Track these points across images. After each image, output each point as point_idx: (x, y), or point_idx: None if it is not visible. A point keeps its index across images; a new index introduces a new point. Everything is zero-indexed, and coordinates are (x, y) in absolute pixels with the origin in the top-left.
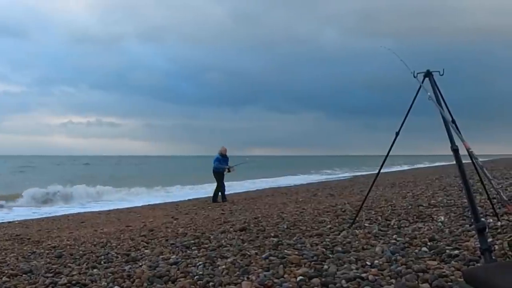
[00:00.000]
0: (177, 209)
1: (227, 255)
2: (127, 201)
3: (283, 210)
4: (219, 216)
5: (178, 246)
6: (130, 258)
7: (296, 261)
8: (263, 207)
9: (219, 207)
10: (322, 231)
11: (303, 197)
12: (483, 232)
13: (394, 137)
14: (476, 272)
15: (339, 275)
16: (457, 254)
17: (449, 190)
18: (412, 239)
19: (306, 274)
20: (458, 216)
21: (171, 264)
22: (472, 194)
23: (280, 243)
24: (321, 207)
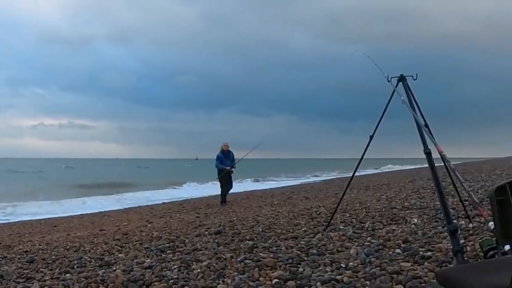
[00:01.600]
0: (151, 212)
1: (202, 258)
2: (101, 205)
3: (258, 213)
4: (194, 219)
5: (152, 250)
6: (104, 263)
7: (271, 264)
8: (238, 210)
9: (194, 210)
10: (297, 234)
11: (278, 200)
12: (455, 234)
13: (369, 140)
14: (448, 273)
15: (314, 277)
16: (430, 255)
17: (422, 193)
18: (386, 241)
19: (282, 277)
20: (431, 218)
21: (146, 268)
22: (445, 196)
23: (256, 246)
24: (296, 210)
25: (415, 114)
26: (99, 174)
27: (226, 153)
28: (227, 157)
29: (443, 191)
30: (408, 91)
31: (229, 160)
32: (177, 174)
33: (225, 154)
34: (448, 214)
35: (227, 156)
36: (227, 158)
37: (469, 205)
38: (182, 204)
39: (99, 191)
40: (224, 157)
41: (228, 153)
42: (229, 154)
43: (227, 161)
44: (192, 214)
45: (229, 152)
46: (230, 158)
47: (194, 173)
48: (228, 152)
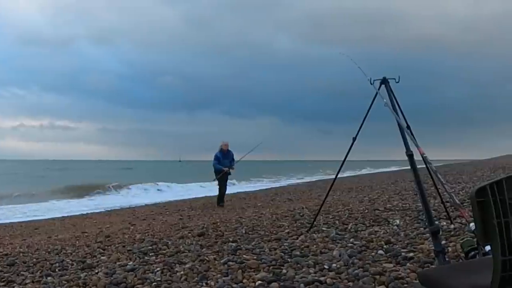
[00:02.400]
0: (134, 214)
1: (185, 261)
2: (83, 207)
3: (242, 215)
4: (177, 221)
5: (135, 252)
6: (86, 265)
7: (254, 265)
8: (221, 212)
9: (177, 212)
10: (281, 235)
11: (262, 202)
12: (437, 235)
13: (351, 142)
14: (430, 274)
15: (298, 279)
16: (412, 256)
17: (404, 194)
18: (368, 243)
19: (265, 278)
20: (413, 219)
21: (128, 270)
22: (426, 198)
23: (239, 248)
24: (279, 212)
25: (397, 116)
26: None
27: (225, 153)
28: (226, 157)
29: (425, 192)
30: (390, 94)
31: (228, 160)
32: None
33: (224, 154)
34: (430, 216)
35: (226, 156)
36: (225, 158)
37: (451, 206)
38: (165, 206)
39: (81, 193)
40: (223, 157)
41: (227, 153)
42: (228, 154)
43: (225, 161)
44: (175, 216)
45: (229, 151)
46: (229, 158)
47: (178, 174)
48: (227, 151)
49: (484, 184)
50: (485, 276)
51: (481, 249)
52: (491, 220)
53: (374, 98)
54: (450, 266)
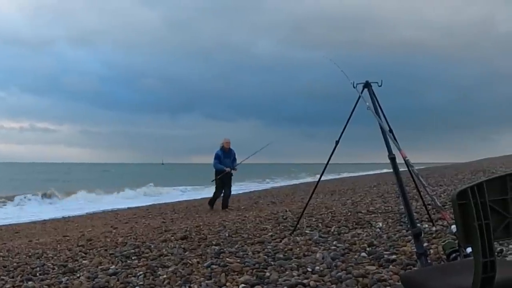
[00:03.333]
0: (116, 218)
1: (168, 264)
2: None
3: (225, 218)
4: (160, 224)
5: (117, 256)
6: (68, 269)
7: (238, 269)
8: (204, 215)
9: (160, 215)
10: (264, 238)
11: (245, 204)
12: (419, 237)
13: (334, 145)
14: (412, 276)
15: (281, 282)
16: (395, 258)
17: (387, 197)
18: (351, 245)
19: (248, 281)
20: (395, 222)
21: (111, 274)
22: (408, 200)
23: (222, 251)
24: (262, 215)
25: (380, 120)
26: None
27: (227, 152)
28: (227, 156)
29: (407, 195)
30: (373, 97)
31: (230, 159)
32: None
33: (226, 153)
34: (412, 218)
35: (227, 155)
36: (227, 157)
37: (432, 209)
38: (147, 209)
39: (62, 195)
40: (224, 155)
41: (228, 151)
42: (230, 152)
43: (226, 160)
44: (158, 219)
45: (230, 150)
46: (230, 157)
47: (160, 177)
48: (229, 150)
49: (465, 186)
50: (467, 277)
51: (462, 251)
52: (472, 222)
53: (357, 101)
54: (432, 268)
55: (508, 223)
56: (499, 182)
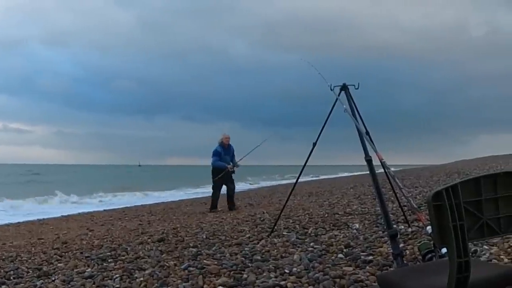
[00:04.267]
0: (92, 220)
1: (145, 266)
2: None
3: (202, 220)
4: (136, 227)
5: (93, 259)
6: (42, 273)
7: (215, 271)
8: (181, 217)
9: (136, 217)
10: (241, 240)
11: (222, 206)
12: (395, 238)
13: (311, 147)
14: (389, 276)
15: (259, 283)
16: (371, 259)
17: (363, 199)
18: (328, 246)
19: (226, 283)
20: (372, 223)
21: (86, 277)
22: (385, 202)
23: (199, 253)
24: (240, 217)
25: (356, 122)
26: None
27: (226, 148)
28: (227, 153)
29: (383, 197)
30: (350, 100)
31: (229, 156)
32: (119, 180)
33: (225, 149)
34: (388, 219)
35: (227, 151)
36: (227, 154)
37: (408, 210)
38: (124, 211)
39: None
40: (224, 152)
41: (228, 147)
42: (229, 149)
43: (226, 157)
44: (134, 222)
45: (230, 146)
46: (230, 154)
47: (137, 179)
48: (228, 146)
49: (440, 188)
50: (442, 277)
51: (437, 252)
52: (447, 223)
53: (334, 104)
54: (408, 268)
55: (482, 224)
56: (473, 184)
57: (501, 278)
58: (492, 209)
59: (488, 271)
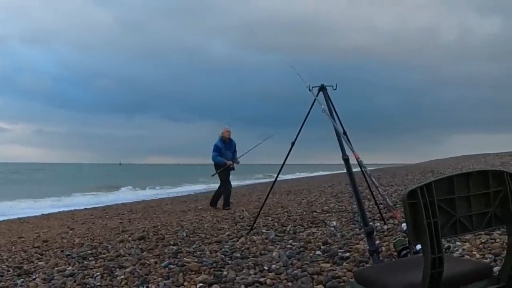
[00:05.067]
0: (73, 218)
1: (125, 264)
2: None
3: (183, 218)
4: (117, 225)
5: (74, 257)
6: (23, 271)
7: (195, 268)
8: (162, 215)
9: (117, 216)
10: (221, 238)
11: (202, 205)
12: (371, 235)
13: (290, 146)
14: (365, 272)
15: (238, 280)
16: (348, 256)
17: (341, 197)
18: (307, 244)
19: (206, 281)
20: (349, 221)
21: (67, 276)
22: (361, 200)
23: (180, 251)
24: (220, 215)
25: (334, 122)
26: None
27: (227, 143)
28: (228, 148)
29: (360, 195)
30: (328, 101)
31: (231, 151)
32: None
33: (226, 144)
34: (364, 217)
35: (228, 146)
36: (228, 149)
37: (384, 208)
38: (104, 210)
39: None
40: (225, 147)
41: (229, 142)
42: (230, 143)
43: (227, 152)
44: (115, 220)
45: (231, 141)
46: (231, 149)
47: (118, 178)
48: (229, 141)
49: (415, 187)
50: (417, 273)
51: (412, 248)
52: (421, 220)
53: (312, 104)
54: (384, 264)
55: (455, 221)
56: (447, 183)
57: (473, 273)
58: (464, 207)
59: (461, 266)
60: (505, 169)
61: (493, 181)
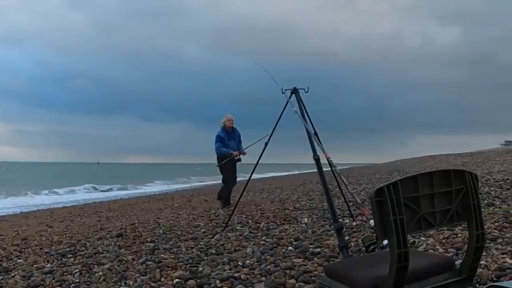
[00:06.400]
0: (51, 216)
1: (104, 261)
2: None
3: (159, 216)
4: (95, 223)
5: (53, 255)
6: (2, 269)
7: (172, 264)
8: (139, 213)
9: (95, 214)
10: (197, 235)
11: (179, 203)
12: (341, 232)
13: (263, 147)
14: (335, 267)
15: (214, 276)
16: (319, 251)
17: (312, 195)
18: (279, 240)
19: (182, 276)
20: (320, 218)
21: (46, 273)
22: (331, 198)
23: (157, 248)
24: (195, 212)
25: (306, 123)
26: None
27: (230, 132)
28: (232, 137)
29: (330, 193)
30: (300, 103)
31: (235, 141)
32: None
33: (229, 133)
34: (334, 214)
35: (231, 135)
36: (231, 139)
37: (353, 205)
38: (83, 208)
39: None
40: (228, 137)
41: (232, 131)
42: (234, 132)
43: (231, 142)
44: (93, 218)
45: (234, 130)
46: (235, 139)
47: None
48: (232, 130)
49: (382, 185)
50: (384, 267)
51: (379, 243)
52: (388, 217)
53: (285, 106)
54: (353, 259)
55: (419, 217)
56: (412, 181)
57: (436, 266)
58: (428, 204)
59: (425, 260)
60: (466, 169)
61: (455, 180)
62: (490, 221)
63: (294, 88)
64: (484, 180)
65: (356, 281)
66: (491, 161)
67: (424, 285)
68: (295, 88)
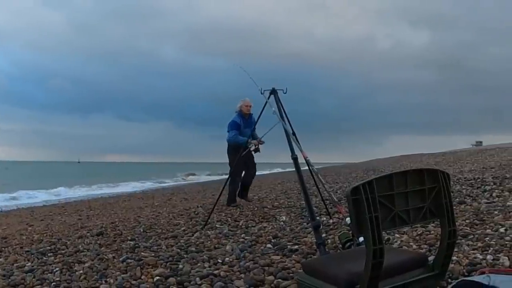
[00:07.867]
0: (32, 215)
1: (84, 260)
2: None
3: (140, 214)
4: (76, 221)
5: (33, 253)
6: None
7: (152, 262)
8: (120, 211)
9: (76, 212)
10: (177, 233)
11: (159, 201)
12: (318, 229)
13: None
14: (313, 263)
15: (194, 273)
16: (297, 248)
17: (290, 193)
18: (258, 237)
19: (163, 274)
20: (297, 215)
21: (27, 272)
22: (309, 196)
23: (137, 246)
24: (176, 211)
25: (284, 123)
26: None
27: (247, 119)
28: (248, 125)
29: (308, 191)
30: (278, 103)
31: (250, 129)
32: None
33: (246, 120)
34: (312, 212)
35: (247, 123)
36: (247, 126)
37: (330, 203)
38: (63, 207)
39: None
40: (244, 124)
41: (249, 118)
42: (250, 119)
43: (246, 130)
44: (74, 216)
45: (251, 116)
46: (251, 126)
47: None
48: (249, 116)
49: (358, 184)
50: (360, 263)
51: (355, 240)
52: (364, 215)
53: (263, 106)
54: (330, 256)
55: (394, 215)
56: (387, 180)
57: (410, 262)
58: (402, 202)
59: (400, 256)
60: (438, 168)
61: (428, 179)
62: (462, 218)
63: (273, 88)
64: (456, 179)
65: (333, 277)
66: (462, 160)
67: (399, 280)
68: (273, 88)
